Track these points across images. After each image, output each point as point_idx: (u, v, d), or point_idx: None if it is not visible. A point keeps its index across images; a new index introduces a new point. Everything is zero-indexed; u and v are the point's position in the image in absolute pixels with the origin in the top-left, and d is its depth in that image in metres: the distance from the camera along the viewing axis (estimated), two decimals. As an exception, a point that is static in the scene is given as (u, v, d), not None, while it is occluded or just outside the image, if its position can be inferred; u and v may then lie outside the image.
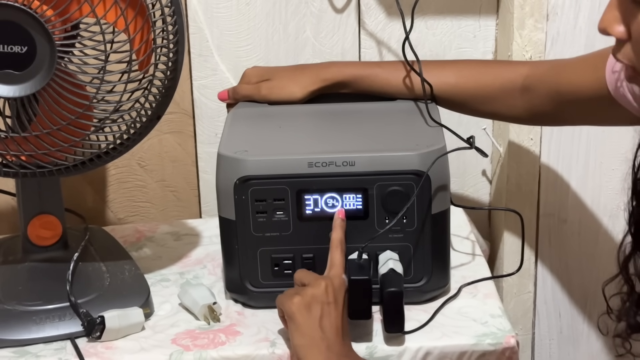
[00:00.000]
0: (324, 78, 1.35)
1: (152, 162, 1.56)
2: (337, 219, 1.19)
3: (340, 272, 1.15)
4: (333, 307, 1.11)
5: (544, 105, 1.29)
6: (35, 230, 1.26)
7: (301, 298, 1.11)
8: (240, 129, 1.28)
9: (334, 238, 1.18)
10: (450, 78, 1.34)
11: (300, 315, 1.10)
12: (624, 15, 0.97)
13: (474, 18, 1.51)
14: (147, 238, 1.44)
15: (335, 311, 1.11)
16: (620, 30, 0.98)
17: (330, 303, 1.11)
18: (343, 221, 1.19)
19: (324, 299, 1.11)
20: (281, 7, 1.49)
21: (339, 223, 1.19)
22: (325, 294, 1.11)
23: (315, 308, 1.10)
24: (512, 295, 1.59)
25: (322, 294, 1.11)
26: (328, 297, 1.11)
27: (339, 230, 1.18)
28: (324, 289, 1.12)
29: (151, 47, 1.14)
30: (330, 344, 1.09)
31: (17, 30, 1.09)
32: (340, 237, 1.18)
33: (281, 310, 1.14)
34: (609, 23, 0.98)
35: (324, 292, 1.11)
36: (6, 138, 1.15)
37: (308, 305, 1.11)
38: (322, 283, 1.12)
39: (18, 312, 1.20)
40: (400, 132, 1.26)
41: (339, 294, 1.12)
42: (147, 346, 1.19)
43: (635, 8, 0.96)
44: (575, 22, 1.47)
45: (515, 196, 1.54)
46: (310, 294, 1.11)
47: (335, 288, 1.12)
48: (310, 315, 1.10)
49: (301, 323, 1.10)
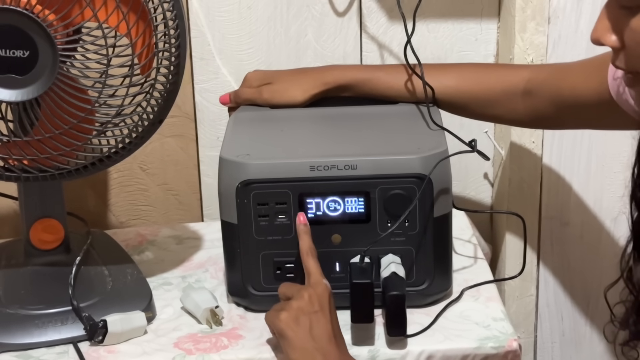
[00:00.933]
0: (325, 81, 1.35)
1: (154, 166, 1.56)
2: (299, 225, 1.19)
3: (320, 277, 1.14)
4: (321, 315, 1.10)
5: (546, 109, 1.29)
6: (37, 234, 1.26)
7: (287, 313, 1.10)
8: (242, 133, 1.28)
9: (302, 247, 1.17)
10: (452, 81, 1.34)
11: (290, 330, 1.10)
12: (616, 24, 0.97)
13: (476, 21, 1.52)
14: (149, 242, 1.44)
15: (324, 318, 1.11)
16: (613, 39, 0.98)
17: (317, 312, 1.10)
18: (306, 226, 1.18)
19: (310, 309, 1.10)
20: (283, 11, 1.49)
21: (302, 229, 1.18)
22: (310, 304, 1.11)
23: (303, 320, 1.10)
24: (515, 299, 1.59)
25: (307, 304, 1.11)
26: (313, 306, 1.11)
27: (305, 237, 1.18)
28: (307, 299, 1.11)
29: (153, 51, 1.14)
30: (325, 352, 1.09)
31: (19, 35, 1.09)
32: (309, 244, 1.17)
33: (272, 328, 1.14)
34: (601, 33, 0.98)
35: (309, 302, 1.11)
36: (8, 142, 1.15)
37: (295, 318, 1.10)
38: (304, 294, 1.12)
39: (20, 316, 1.20)
40: (402, 136, 1.26)
41: (323, 301, 1.12)
42: (149, 350, 1.19)
43: (625, 15, 0.96)
44: (576, 26, 1.47)
45: (517, 199, 1.54)
46: (295, 307, 1.11)
47: (319, 295, 1.12)
48: (299, 328, 1.10)
49: (292, 338, 1.09)
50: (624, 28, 0.96)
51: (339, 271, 1.22)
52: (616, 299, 1.21)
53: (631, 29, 0.95)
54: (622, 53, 0.98)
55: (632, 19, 0.95)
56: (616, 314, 1.20)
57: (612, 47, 0.98)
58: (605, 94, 1.19)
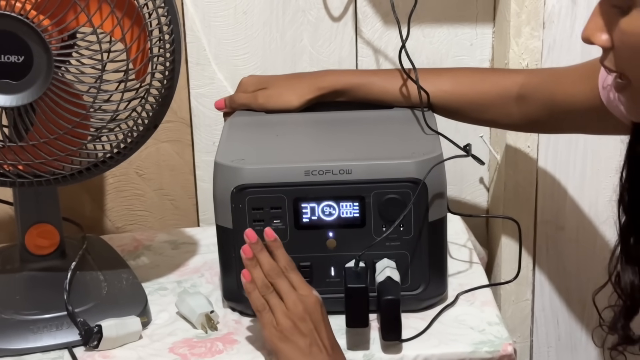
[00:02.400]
0: (320, 86, 1.35)
1: (150, 171, 1.56)
2: (271, 243, 1.14)
3: (308, 290, 1.12)
4: (318, 331, 1.09)
5: (540, 114, 1.29)
6: (32, 239, 1.26)
7: (284, 336, 1.09)
8: (237, 138, 1.28)
9: (281, 262, 1.13)
10: (447, 85, 1.34)
11: (291, 352, 1.09)
12: (607, 23, 0.96)
13: (471, 26, 1.52)
14: (145, 247, 1.44)
15: (324, 331, 1.10)
16: (603, 38, 0.97)
17: (312, 330, 1.10)
18: (277, 240, 1.14)
19: (306, 328, 1.09)
20: (278, 16, 1.50)
21: (276, 245, 1.14)
22: (304, 321, 1.09)
23: (302, 340, 1.09)
24: (510, 303, 1.59)
25: (301, 322, 1.09)
26: (308, 324, 1.09)
27: (280, 251, 1.14)
28: (301, 316, 1.09)
29: (148, 56, 1.14)
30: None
31: (14, 40, 1.09)
32: (287, 259, 1.14)
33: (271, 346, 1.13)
34: (592, 32, 0.98)
35: (302, 319, 1.09)
36: (3, 147, 1.15)
37: (294, 342, 1.09)
38: (298, 310, 1.09)
39: (15, 321, 1.20)
40: (397, 140, 1.26)
41: (316, 315, 1.10)
42: (144, 355, 1.19)
43: (616, 15, 0.95)
44: (571, 30, 1.47)
45: (513, 203, 1.54)
46: (288, 328, 1.09)
47: (311, 310, 1.10)
48: (297, 348, 1.09)
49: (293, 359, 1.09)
50: (614, 28, 0.95)
51: (334, 275, 1.22)
52: (605, 304, 1.21)
53: (620, 29, 0.95)
54: (611, 53, 0.98)
55: (622, 18, 0.95)
56: (605, 319, 1.20)
57: (602, 46, 0.98)
58: (597, 100, 1.19)
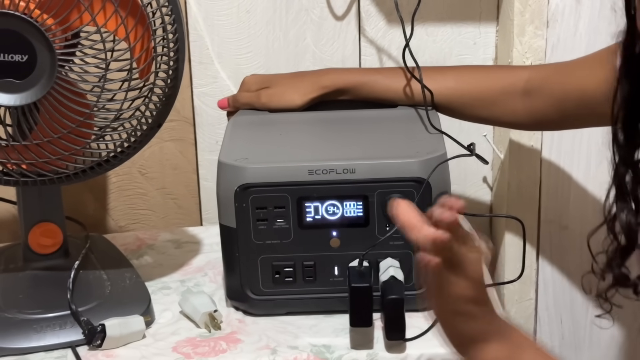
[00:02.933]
0: (323, 85, 1.35)
1: (153, 170, 1.56)
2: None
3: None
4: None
5: (546, 108, 1.29)
6: (36, 238, 1.26)
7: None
8: (241, 137, 1.28)
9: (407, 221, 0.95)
10: (451, 83, 1.34)
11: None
12: None
13: (474, 25, 1.52)
14: (148, 246, 1.44)
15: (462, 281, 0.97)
16: None
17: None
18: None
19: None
20: (281, 15, 1.49)
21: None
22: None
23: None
24: (514, 302, 1.59)
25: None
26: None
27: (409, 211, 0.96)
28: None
29: (151, 55, 1.14)
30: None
31: (18, 39, 1.09)
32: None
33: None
34: None
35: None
36: (7, 146, 1.15)
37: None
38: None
39: (19, 320, 1.20)
40: (401, 139, 1.26)
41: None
42: (148, 354, 1.18)
43: None
44: (575, 29, 1.47)
45: (516, 203, 1.54)
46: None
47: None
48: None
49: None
50: None
51: (338, 275, 1.22)
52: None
53: None
54: None
55: None
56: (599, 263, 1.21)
57: None
58: (609, 86, 1.18)
